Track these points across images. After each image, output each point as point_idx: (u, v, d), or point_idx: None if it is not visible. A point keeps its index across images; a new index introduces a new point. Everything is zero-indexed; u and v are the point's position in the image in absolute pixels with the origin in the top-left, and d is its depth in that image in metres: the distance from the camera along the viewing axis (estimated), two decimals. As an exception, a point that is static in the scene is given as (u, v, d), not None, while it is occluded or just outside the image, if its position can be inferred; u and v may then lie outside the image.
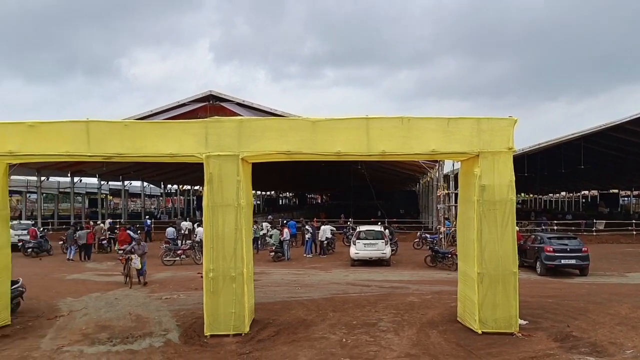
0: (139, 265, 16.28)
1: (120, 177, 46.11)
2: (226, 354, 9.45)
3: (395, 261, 22.10)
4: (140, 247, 16.86)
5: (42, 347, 9.96)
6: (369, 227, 23.57)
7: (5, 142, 10.74)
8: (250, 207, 11.79)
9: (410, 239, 30.25)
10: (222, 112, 27.14)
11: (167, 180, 55.96)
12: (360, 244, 21.34)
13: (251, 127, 11.03)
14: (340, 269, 20.57)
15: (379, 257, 21.18)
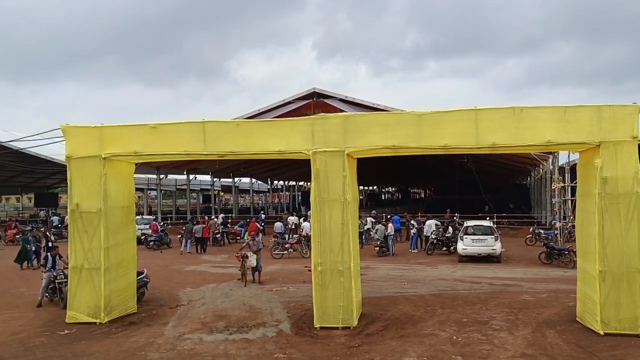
0: (254, 263, 15.90)
1: (231, 174, 48.35)
2: (336, 346, 9.61)
3: (505, 257, 21.23)
4: (255, 243, 16.45)
5: (165, 334, 10.70)
6: (478, 222, 22.80)
7: (131, 143, 11.64)
8: (356, 202, 11.86)
9: (521, 234, 28.91)
10: (325, 108, 27.54)
11: (274, 176, 57.83)
12: (468, 240, 20.74)
13: (356, 122, 11.09)
14: (447, 265, 20.12)
15: (489, 254, 20.45)
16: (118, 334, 10.74)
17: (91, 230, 11.52)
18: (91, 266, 11.47)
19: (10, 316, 12.40)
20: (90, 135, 11.67)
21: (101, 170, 11.51)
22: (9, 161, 40.31)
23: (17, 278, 17.74)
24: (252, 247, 16.23)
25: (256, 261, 15.87)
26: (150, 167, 36.41)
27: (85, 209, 11.58)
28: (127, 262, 12.49)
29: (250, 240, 16.60)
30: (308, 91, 29.65)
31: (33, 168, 43.67)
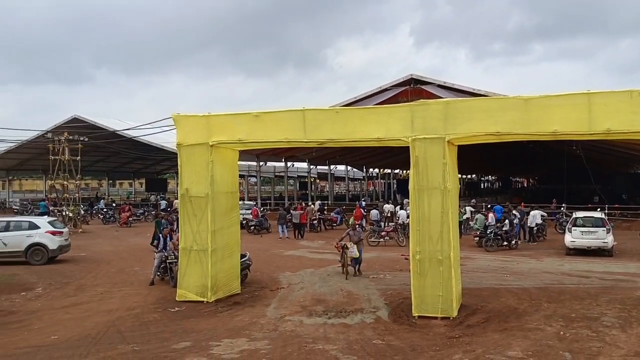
0: (356, 254, 14.94)
1: (327, 162, 48.87)
2: (435, 335, 9.50)
3: (618, 251, 19.82)
4: (355, 233, 15.66)
5: (267, 315, 11.11)
6: (588, 213, 21.44)
7: (235, 131, 12.14)
8: (456, 191, 11.60)
9: (635, 227, 26.88)
10: (423, 95, 26.95)
11: (369, 164, 57.74)
12: (577, 232, 19.57)
13: (457, 108, 10.81)
14: (552, 257, 19.13)
15: (599, 247, 19.19)
16: (224, 313, 11.31)
17: (199, 214, 12.18)
18: (199, 248, 12.14)
19: (127, 293, 13.44)
20: (198, 123, 12.30)
21: (208, 157, 12.11)
22: (125, 148, 43.41)
23: (131, 258, 19.14)
24: (353, 237, 15.42)
25: (357, 252, 15.04)
26: (251, 154, 37.62)
27: (194, 194, 12.25)
28: (232, 245, 13.09)
29: (351, 230, 15.89)
30: (405, 77, 29.15)
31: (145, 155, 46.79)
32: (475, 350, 8.65)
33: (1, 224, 18.71)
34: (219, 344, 9.03)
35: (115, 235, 27.46)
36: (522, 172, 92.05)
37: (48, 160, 31.37)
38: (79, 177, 32.28)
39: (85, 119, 39.79)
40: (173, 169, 61.14)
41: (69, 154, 30.17)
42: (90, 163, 49.55)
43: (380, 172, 67.04)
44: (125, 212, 33.13)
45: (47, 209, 32.90)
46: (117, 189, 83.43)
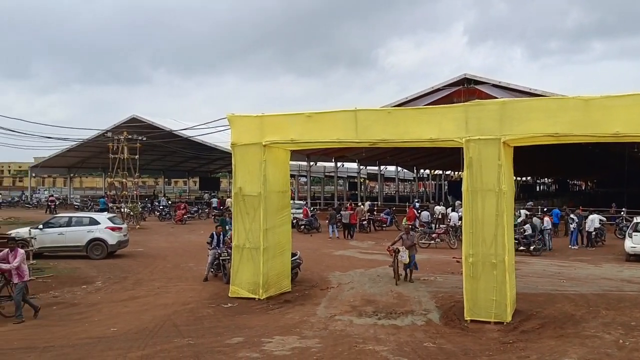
0: (406, 259, 14.22)
1: (377, 162, 48.69)
2: (488, 340, 9.33)
3: (684, 259, 18.86)
4: (409, 237, 14.75)
5: (317, 314, 11.19)
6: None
7: (288, 131, 12.28)
8: (511, 193, 11.35)
9: None
10: (477, 95, 26.44)
11: (420, 165, 57.15)
12: (637, 237, 18.75)
13: (514, 108, 10.57)
14: (612, 263, 18.41)
15: (663, 254, 18.33)
16: (275, 311, 11.47)
17: (252, 213, 12.40)
18: (252, 245, 12.36)
19: (182, 288, 13.83)
20: (252, 123, 12.52)
21: (262, 157, 12.30)
22: (180, 148, 44.63)
23: (186, 254, 19.67)
24: (406, 241, 14.51)
25: (408, 257, 14.28)
26: (302, 154, 37.94)
27: (247, 193, 12.48)
28: (283, 243, 13.25)
29: (404, 234, 14.94)
30: (458, 77, 28.70)
31: (199, 154, 47.98)
32: (529, 357, 8.45)
33: (63, 219, 19.65)
34: (270, 341, 9.17)
35: (171, 231, 28.27)
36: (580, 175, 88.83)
37: (108, 159, 32.65)
38: (136, 175, 33.41)
39: (143, 119, 41.17)
40: (226, 168, 62.49)
41: (128, 153, 31.30)
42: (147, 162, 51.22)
43: (431, 173, 66.21)
44: (181, 209, 34.07)
45: (106, 206, 34.24)
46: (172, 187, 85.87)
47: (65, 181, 67.02)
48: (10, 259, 10.71)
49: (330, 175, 52.56)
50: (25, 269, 10.92)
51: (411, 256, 14.33)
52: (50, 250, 18.23)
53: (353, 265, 17.32)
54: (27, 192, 55.02)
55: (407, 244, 14.45)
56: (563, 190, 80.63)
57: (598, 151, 40.53)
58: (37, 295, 12.92)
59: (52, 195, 49.75)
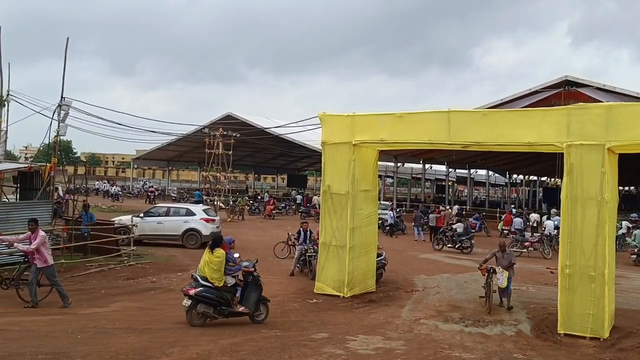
0: (504, 283, 11.66)
1: (467, 166, 47.41)
2: (582, 356, 8.86)
3: None
4: (505, 255, 12.05)
5: (402, 316, 11.12)
6: None
7: (378, 131, 12.29)
8: (615, 203, 10.69)
9: None
10: (578, 98, 24.99)
11: (512, 169, 54.98)
12: None
13: (622, 113, 9.96)
14: None
15: None
16: (359, 309, 11.53)
17: (339, 211, 12.53)
18: (338, 243, 12.49)
19: (269, 281, 14.16)
20: (343, 123, 12.65)
21: (351, 156, 12.40)
22: (271, 145, 45.86)
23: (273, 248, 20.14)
24: (501, 260, 11.98)
25: (506, 280, 11.70)
26: (389, 155, 37.68)
27: (335, 191, 12.62)
28: (369, 243, 13.28)
29: (499, 250, 12.15)
30: (558, 79, 27.32)
31: (288, 152, 49.03)
32: (629, 378, 7.93)
33: (162, 209, 20.84)
34: (354, 339, 9.22)
35: (260, 226, 29.14)
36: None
37: (203, 153, 34.16)
38: (229, 170, 34.72)
39: (237, 116, 42.71)
40: (313, 166, 63.36)
41: (222, 148, 32.56)
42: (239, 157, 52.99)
43: (525, 179, 63.47)
44: (270, 205, 35.03)
45: (201, 198, 35.88)
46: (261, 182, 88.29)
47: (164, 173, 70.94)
48: (32, 241, 10.34)
49: (418, 177, 51.85)
50: (45, 253, 10.48)
51: (508, 278, 11.80)
52: (149, 238, 19.40)
53: (439, 269, 17.02)
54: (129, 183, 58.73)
55: (504, 264, 11.88)
56: (671, 202, 74.37)
57: None
58: (136, 280, 13.83)
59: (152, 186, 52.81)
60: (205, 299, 9.33)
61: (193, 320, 9.43)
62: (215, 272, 9.42)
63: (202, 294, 9.29)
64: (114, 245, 16.73)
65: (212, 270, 9.42)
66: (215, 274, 9.42)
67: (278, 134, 39.51)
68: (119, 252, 16.69)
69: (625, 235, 24.05)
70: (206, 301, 9.35)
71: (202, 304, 9.35)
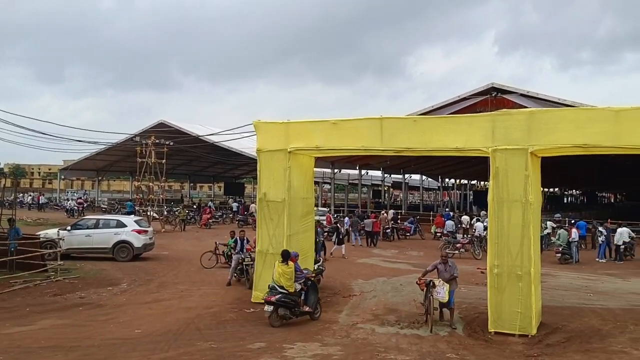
0: (445, 296, 10.64)
1: (401, 171, 48.46)
2: (512, 353, 9.20)
3: None
4: (447, 268, 11.15)
5: (339, 321, 11.18)
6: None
7: (313, 138, 12.34)
8: (538, 204, 11.21)
9: None
10: (504, 104, 26.14)
11: (444, 174, 56.68)
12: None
13: (542, 119, 10.46)
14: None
15: (696, 269, 17.83)
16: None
17: (276, 218, 12.47)
18: (275, 251, 12.38)
19: (205, 292, 13.96)
20: (278, 130, 12.62)
21: (286, 163, 12.39)
22: (206, 153, 45.13)
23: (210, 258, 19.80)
24: (443, 273, 11.12)
25: (448, 294, 10.71)
26: (326, 161, 37.99)
27: (271, 198, 12.56)
28: (306, 250, 13.30)
29: (440, 262, 11.34)
30: (485, 86, 28.41)
31: (224, 160, 48.42)
32: (555, 371, 8.31)
33: (91, 221, 20.00)
34: (292, 347, 9.18)
35: (196, 235, 28.54)
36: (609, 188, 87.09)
37: (135, 162, 33.16)
38: (163, 179, 33.87)
39: (170, 124, 41.74)
40: (250, 174, 62.92)
41: (155, 157, 31.74)
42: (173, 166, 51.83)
43: (457, 183, 65.61)
44: (206, 214, 34.39)
45: (133, 209, 34.76)
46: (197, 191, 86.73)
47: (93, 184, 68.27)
48: None
49: (354, 182, 52.48)
50: None
51: (450, 292, 10.84)
52: (77, 252, 18.58)
53: (376, 273, 17.25)
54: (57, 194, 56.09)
55: (445, 277, 11.00)
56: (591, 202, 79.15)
57: (628, 163, 39.66)
58: (63, 296, 13.20)
59: (80, 197, 50.67)
60: (284, 304, 10.73)
61: (274, 322, 10.70)
62: (289, 281, 10.90)
63: (281, 300, 10.70)
64: (39, 260, 15.90)
65: (287, 279, 10.89)
66: (289, 282, 10.89)
67: (213, 142, 38.96)
68: (45, 267, 15.89)
69: (551, 235, 25.27)
70: (284, 305, 10.73)
71: (281, 308, 10.73)
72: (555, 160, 12.56)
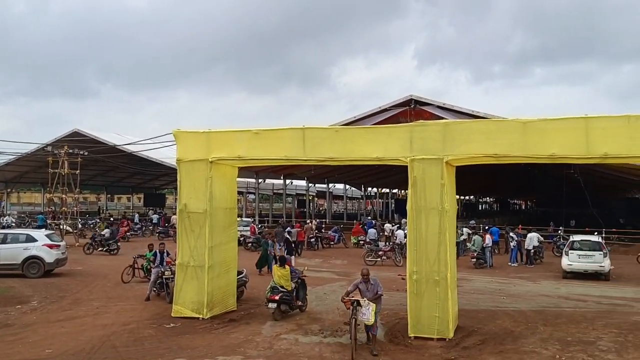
0: (371, 318, 9.55)
1: (325, 180, 48.95)
2: (431, 357, 9.48)
3: (615, 276, 19.82)
4: (369, 287, 9.98)
5: (263, 332, 11.07)
6: (585, 236, 21.53)
7: (235, 148, 12.20)
8: (454, 211, 11.65)
9: (632, 252, 26.82)
10: (422, 115, 27.08)
11: (368, 183, 57.80)
12: (573, 255, 19.58)
13: (456, 130, 10.91)
14: (549, 280, 19.12)
15: (596, 271, 19.19)
16: (219, 330, 11.26)
17: (197, 230, 12.19)
18: (196, 264, 12.13)
19: (122, 307, 13.38)
20: (198, 139, 12.37)
21: (208, 173, 12.16)
22: (124, 163, 43.53)
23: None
24: (365, 293, 9.95)
25: (374, 315, 9.64)
26: (250, 171, 37.68)
27: (192, 210, 12.27)
28: (229, 261, 13.08)
29: (361, 282, 10.06)
30: (405, 98, 29.38)
31: (144, 170, 46.88)
32: (470, 372, 8.61)
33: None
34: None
35: (112, 249, 27.32)
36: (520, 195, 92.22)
37: (47, 173, 31.41)
38: (77, 191, 32.28)
39: (85, 133, 39.97)
40: (172, 185, 61.21)
41: (68, 168, 30.22)
42: (89, 177, 49.62)
43: (379, 192, 67.08)
44: (124, 226, 33.04)
45: (45, 222, 32.85)
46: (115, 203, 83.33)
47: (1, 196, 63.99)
48: None
49: (279, 192, 52.42)
50: None
51: (376, 312, 9.75)
52: (-19, 269, 17.28)
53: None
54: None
55: (369, 296, 9.86)
56: (504, 209, 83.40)
57: (537, 172, 42.20)
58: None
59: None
60: (285, 301, 12.38)
61: (277, 316, 12.16)
62: (287, 281, 12.51)
63: (283, 298, 12.31)
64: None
65: (285, 280, 12.48)
66: (287, 282, 12.50)
67: (131, 151, 37.63)
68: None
69: (466, 241, 26.35)
70: (285, 302, 12.40)
71: (283, 304, 12.37)
72: (469, 168, 13.11)
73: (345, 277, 18.60)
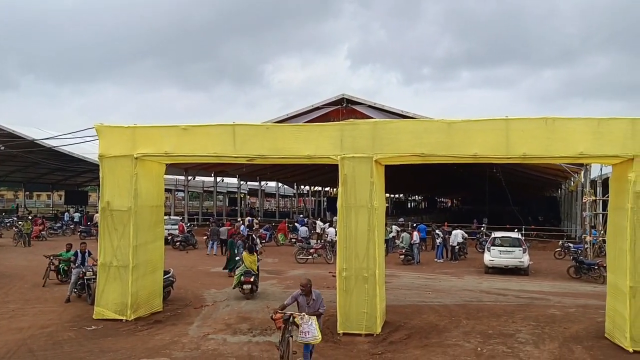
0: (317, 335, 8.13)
1: (257, 178, 48.64)
2: (359, 352, 9.58)
3: (533, 270, 20.88)
4: (311, 300, 8.63)
5: (190, 333, 10.81)
6: (505, 233, 22.53)
7: (162, 144, 11.81)
8: (383, 209, 11.85)
9: (550, 248, 28.40)
10: (354, 114, 27.45)
11: (300, 181, 57.99)
12: (495, 251, 20.46)
13: (385, 129, 11.08)
14: (473, 275, 19.88)
15: (516, 266, 20.14)
16: (144, 332, 10.89)
17: (121, 228, 11.73)
18: (119, 264, 11.67)
19: (40, 310, 12.69)
20: (123, 135, 11.90)
21: (132, 170, 11.71)
22: (44, 159, 41.30)
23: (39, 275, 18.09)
24: (305, 308, 8.56)
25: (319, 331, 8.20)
26: (179, 168, 36.84)
27: (115, 207, 11.79)
28: (155, 261, 12.68)
29: (301, 295, 8.69)
30: (337, 97, 29.63)
31: (65, 166, 44.72)
32: (397, 367, 8.78)
33: None
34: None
35: (30, 249, 25.95)
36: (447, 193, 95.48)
37: (-43, 169, 29.33)
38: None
39: (1, 127, 37.60)
40: (95, 182, 58.75)
41: (-18, 163, 28.34)
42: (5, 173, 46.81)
43: (311, 190, 67.41)
44: (38, 225, 31.23)
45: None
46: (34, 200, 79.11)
47: None
48: None
49: (210, 190, 51.55)
50: None
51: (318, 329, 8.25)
52: None
53: (230, 282, 16.88)
54: None
55: (309, 311, 8.44)
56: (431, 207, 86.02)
57: (462, 171, 43.79)
58: None
59: None
60: (255, 282, 14.66)
61: (249, 296, 14.28)
62: (255, 265, 14.94)
63: (255, 279, 14.62)
64: None
65: (254, 265, 14.90)
66: (255, 266, 14.88)
67: (51, 146, 35.74)
68: None
69: (395, 238, 26.93)
70: (255, 283, 14.66)
71: (254, 285, 14.50)
72: (398, 167, 13.38)
73: (277, 276, 18.56)
